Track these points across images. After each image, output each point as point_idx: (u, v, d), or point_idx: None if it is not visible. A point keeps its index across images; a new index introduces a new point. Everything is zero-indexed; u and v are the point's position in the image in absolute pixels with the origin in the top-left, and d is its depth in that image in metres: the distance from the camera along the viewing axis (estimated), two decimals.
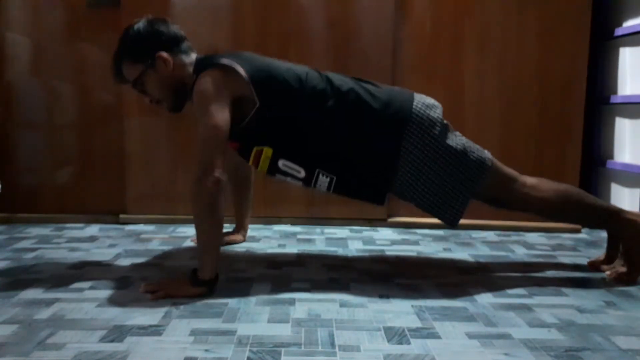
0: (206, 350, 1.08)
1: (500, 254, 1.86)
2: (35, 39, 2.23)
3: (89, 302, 1.35)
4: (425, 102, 1.56)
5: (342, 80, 1.56)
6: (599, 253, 1.79)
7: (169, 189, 2.27)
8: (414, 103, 1.54)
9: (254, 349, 1.09)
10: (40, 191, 2.31)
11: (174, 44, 1.54)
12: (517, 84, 2.22)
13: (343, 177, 1.56)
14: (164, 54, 1.52)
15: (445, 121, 1.56)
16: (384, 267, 1.69)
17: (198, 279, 1.38)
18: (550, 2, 2.17)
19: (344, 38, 2.20)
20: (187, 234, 2.10)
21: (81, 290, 1.43)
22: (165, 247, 1.89)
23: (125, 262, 1.71)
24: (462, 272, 1.64)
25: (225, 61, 1.49)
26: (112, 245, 1.90)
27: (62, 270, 1.60)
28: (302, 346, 1.11)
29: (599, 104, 2.35)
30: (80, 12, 2.21)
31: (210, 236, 1.38)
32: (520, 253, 1.88)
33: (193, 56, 1.59)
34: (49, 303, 1.33)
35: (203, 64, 1.51)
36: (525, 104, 2.23)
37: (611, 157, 2.29)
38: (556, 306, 1.36)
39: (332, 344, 1.12)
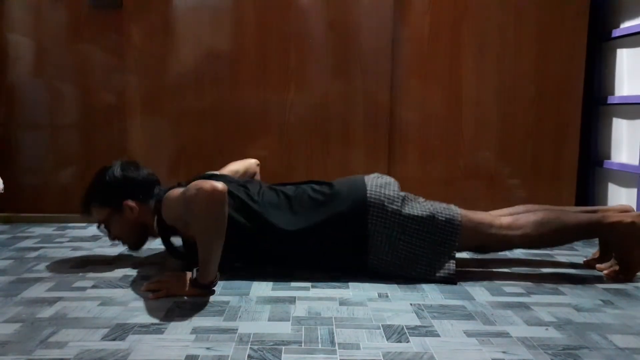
0: (207, 349, 1.09)
1: (498, 253, 1.87)
2: (38, 40, 2.24)
3: (91, 300, 1.36)
4: (377, 183, 1.59)
5: (296, 191, 1.61)
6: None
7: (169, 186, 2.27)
8: (368, 188, 1.56)
9: (255, 347, 1.10)
10: (43, 191, 2.32)
11: (143, 191, 1.63)
12: (515, 84, 2.23)
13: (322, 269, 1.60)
14: (131, 203, 1.60)
15: (402, 193, 1.58)
16: None
17: (199, 284, 1.39)
18: (548, 4, 2.18)
19: (343, 40, 2.21)
20: None
21: (83, 289, 1.45)
22: None
23: (126, 261, 1.72)
24: (460, 271, 1.65)
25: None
26: (114, 245, 1.91)
27: (65, 269, 1.62)
28: (303, 344, 1.12)
29: (596, 105, 2.36)
30: (82, 13, 2.22)
31: (213, 248, 1.36)
32: (517, 252, 1.88)
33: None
34: (52, 302, 1.34)
35: (163, 193, 1.56)
36: (523, 104, 2.24)
37: (608, 157, 2.30)
38: (554, 304, 1.37)
39: (332, 342, 1.13)
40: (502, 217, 1.63)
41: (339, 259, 1.58)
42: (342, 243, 1.55)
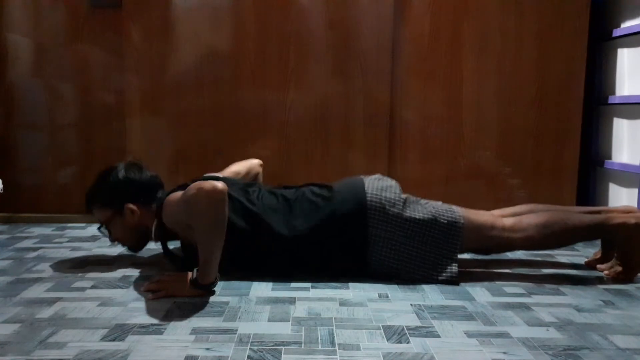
0: (207, 349, 1.09)
1: (498, 254, 1.86)
2: (37, 39, 2.24)
3: (90, 301, 1.36)
4: (377, 186, 1.58)
5: (295, 194, 1.60)
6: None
7: (169, 189, 2.27)
8: (368, 192, 1.55)
9: (255, 348, 1.10)
10: (42, 191, 2.31)
11: (145, 194, 1.62)
12: (516, 84, 2.23)
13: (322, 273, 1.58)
14: (132, 206, 1.60)
15: (404, 196, 1.58)
16: None
17: (199, 284, 1.38)
18: (549, 3, 2.18)
19: (343, 39, 2.21)
20: None
21: (83, 289, 1.44)
22: None
23: (126, 261, 1.72)
24: (460, 272, 1.64)
25: None
26: (113, 245, 1.90)
27: (64, 270, 1.61)
28: (302, 345, 1.12)
29: (597, 105, 2.36)
30: (81, 13, 2.22)
31: (214, 248, 1.35)
32: (518, 252, 1.88)
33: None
34: (51, 302, 1.34)
35: (164, 196, 1.57)
36: (523, 104, 2.24)
37: (609, 157, 2.30)
38: (554, 305, 1.37)
39: (332, 343, 1.12)
40: (504, 218, 1.62)
41: (339, 262, 1.57)
42: (342, 247, 1.54)
